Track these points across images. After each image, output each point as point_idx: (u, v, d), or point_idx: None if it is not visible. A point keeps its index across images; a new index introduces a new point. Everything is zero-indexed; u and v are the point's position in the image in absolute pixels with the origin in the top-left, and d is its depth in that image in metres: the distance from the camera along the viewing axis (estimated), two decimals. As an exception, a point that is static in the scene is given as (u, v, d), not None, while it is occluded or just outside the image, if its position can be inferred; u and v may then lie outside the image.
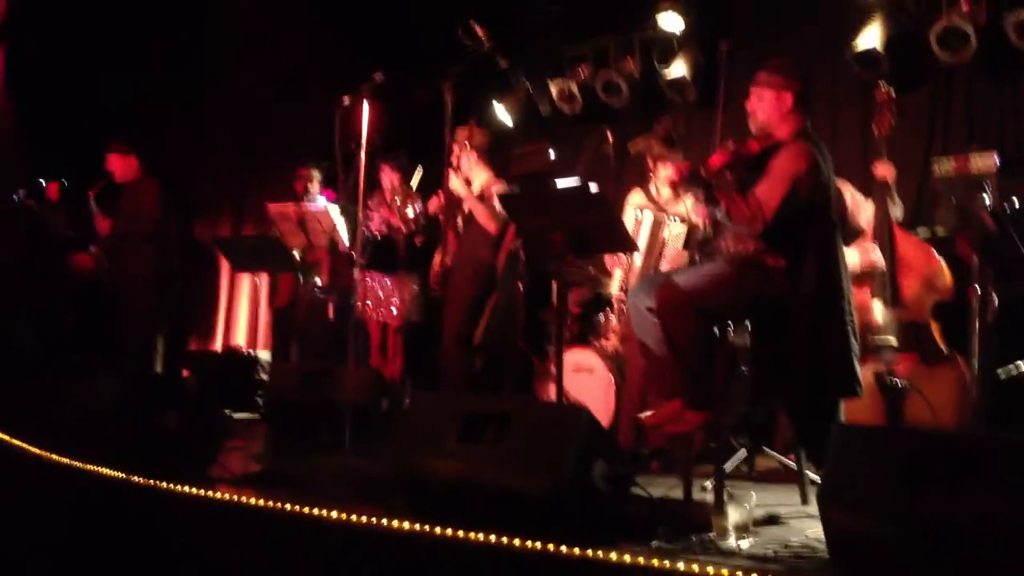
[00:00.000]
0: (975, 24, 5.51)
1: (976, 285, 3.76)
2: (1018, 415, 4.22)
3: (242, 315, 8.33)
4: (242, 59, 8.15)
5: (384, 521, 3.20)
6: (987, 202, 4.19)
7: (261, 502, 3.49)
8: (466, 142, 5.63)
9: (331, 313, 6.23)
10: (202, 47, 8.27)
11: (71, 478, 3.95)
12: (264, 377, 6.83)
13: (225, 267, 8.19)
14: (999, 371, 4.13)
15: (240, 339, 8.21)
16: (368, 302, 6.19)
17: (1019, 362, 4.22)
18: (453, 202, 5.79)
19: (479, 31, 4.67)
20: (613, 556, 2.79)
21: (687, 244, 5.19)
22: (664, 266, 5.20)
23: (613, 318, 5.69)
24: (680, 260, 5.18)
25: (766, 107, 3.94)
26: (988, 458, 2.52)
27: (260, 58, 8.10)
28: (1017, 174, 5.14)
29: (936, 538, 2.52)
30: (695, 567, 2.66)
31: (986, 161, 5.10)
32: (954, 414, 4.49)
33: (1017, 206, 3.84)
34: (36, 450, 4.24)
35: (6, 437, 4.47)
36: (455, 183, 5.68)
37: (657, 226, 5.32)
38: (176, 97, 8.26)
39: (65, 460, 4.05)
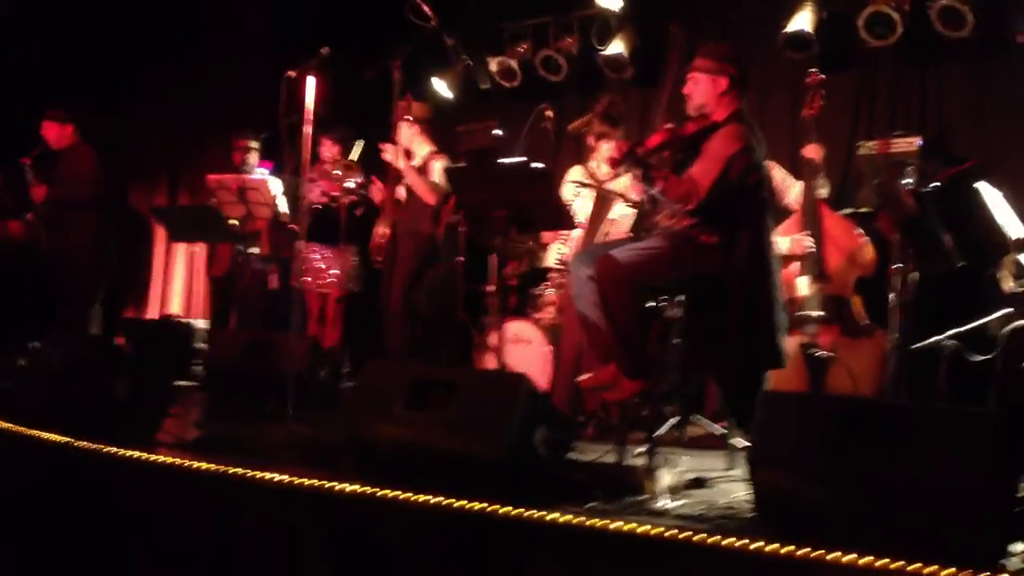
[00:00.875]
0: (901, 10, 5.73)
1: (896, 263, 3.96)
2: (931, 386, 4.46)
3: (177, 284, 8.29)
4: (179, 28, 8.06)
5: (331, 484, 3.29)
6: (908, 183, 4.39)
7: (208, 465, 3.54)
8: (407, 116, 5.69)
9: (271, 283, 6.25)
10: (139, 16, 8.15)
11: (15, 442, 3.96)
12: (200, 345, 6.83)
13: (160, 236, 8.13)
14: (915, 345, 4.36)
15: (176, 308, 8.17)
16: (308, 272, 6.23)
17: (935, 337, 4.46)
18: (391, 174, 5.85)
19: (426, 9, 4.73)
20: (552, 517, 2.92)
21: (635, 227, 5.33)
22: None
23: (551, 291, 5.81)
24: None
25: (702, 91, 4.08)
26: (905, 423, 2.71)
27: (198, 28, 8.03)
28: (937, 157, 5.39)
29: (857, 498, 2.70)
30: (628, 527, 2.82)
31: (909, 143, 5.34)
32: (873, 384, 4.72)
33: (936, 187, 4.04)
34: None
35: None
36: (391, 155, 5.74)
37: (603, 202, 5.42)
38: (111, 65, 8.14)
39: (9, 425, 4.04)
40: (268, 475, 3.41)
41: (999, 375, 3.62)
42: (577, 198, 5.51)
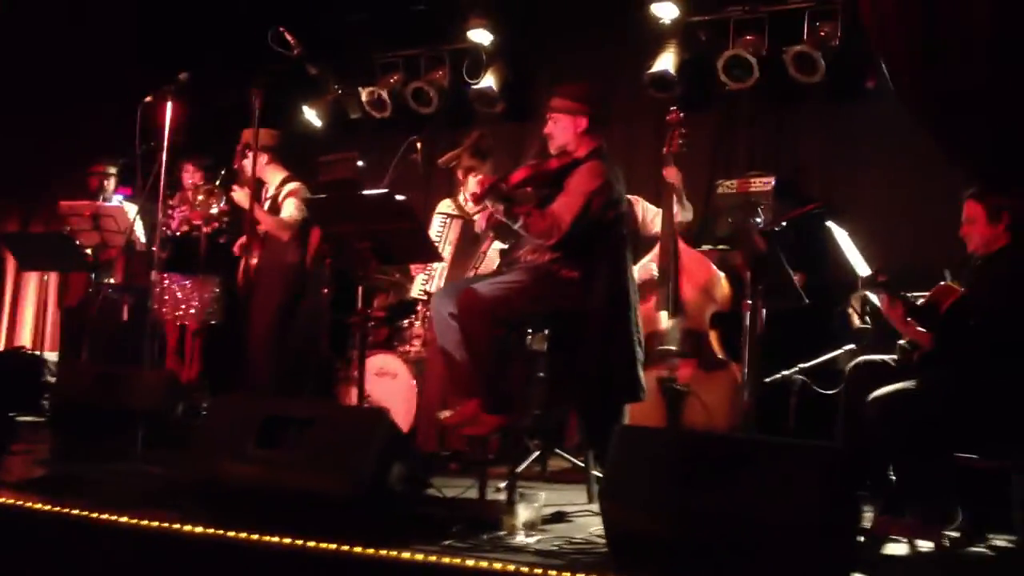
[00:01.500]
0: (758, 55, 5.95)
1: (747, 298, 4.08)
2: (780, 419, 4.61)
3: (27, 314, 7.93)
4: (35, 49, 7.76)
5: (178, 525, 3.18)
6: (758, 222, 4.55)
7: (46, 507, 3.39)
8: (258, 145, 5.56)
9: (125, 314, 6.04)
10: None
11: None
12: (51, 379, 6.54)
13: (10, 265, 7.77)
14: (765, 379, 4.50)
15: (25, 339, 7.81)
16: (166, 303, 6.04)
17: (784, 371, 4.61)
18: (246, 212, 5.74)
19: (289, 37, 4.67)
20: (406, 555, 2.89)
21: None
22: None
23: (417, 324, 5.78)
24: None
25: (562, 130, 4.15)
26: (749, 457, 2.77)
27: (51, 50, 7.74)
28: (790, 197, 5.61)
29: (703, 531, 2.75)
30: (483, 563, 2.81)
31: (764, 183, 5.54)
32: (728, 417, 4.85)
33: (784, 227, 4.19)
34: None
35: None
36: (239, 196, 5.64)
37: (470, 235, 5.41)
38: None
39: None
40: (113, 516, 3.28)
41: (842, 409, 3.76)
42: (445, 231, 5.51)
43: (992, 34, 2.49)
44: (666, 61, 6.19)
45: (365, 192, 4.28)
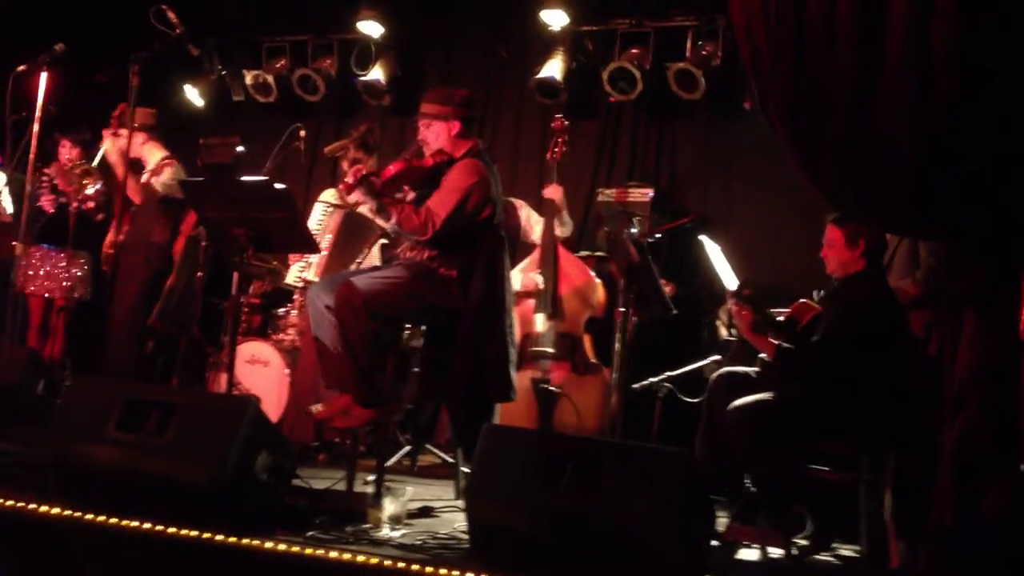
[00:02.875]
0: (642, 68, 6.11)
1: (620, 306, 4.20)
2: (646, 423, 4.75)
3: None
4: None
5: (32, 505, 3.10)
6: (633, 232, 4.68)
7: None
8: (132, 124, 5.43)
9: (-12, 286, 5.80)
10: None
11: None
12: (-98, 351, 6.22)
13: None
14: (634, 385, 4.63)
15: None
16: (33, 277, 5.83)
17: (652, 378, 4.76)
18: (119, 181, 5.59)
19: (171, 16, 4.57)
20: (267, 545, 2.88)
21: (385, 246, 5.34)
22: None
23: (293, 312, 5.73)
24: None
25: (436, 135, 4.18)
26: (610, 460, 2.87)
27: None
28: (666, 209, 5.78)
29: (563, 532, 2.84)
30: (346, 556, 2.82)
31: (642, 194, 5.70)
32: (598, 420, 4.97)
33: (658, 238, 4.32)
34: None
35: None
36: (110, 149, 5.49)
37: (351, 226, 5.38)
38: None
39: None
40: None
41: (703, 417, 3.90)
42: (326, 220, 5.48)
43: (856, 87, 2.64)
44: (553, 67, 6.29)
45: (244, 178, 4.22)
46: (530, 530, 2.91)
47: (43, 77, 4.39)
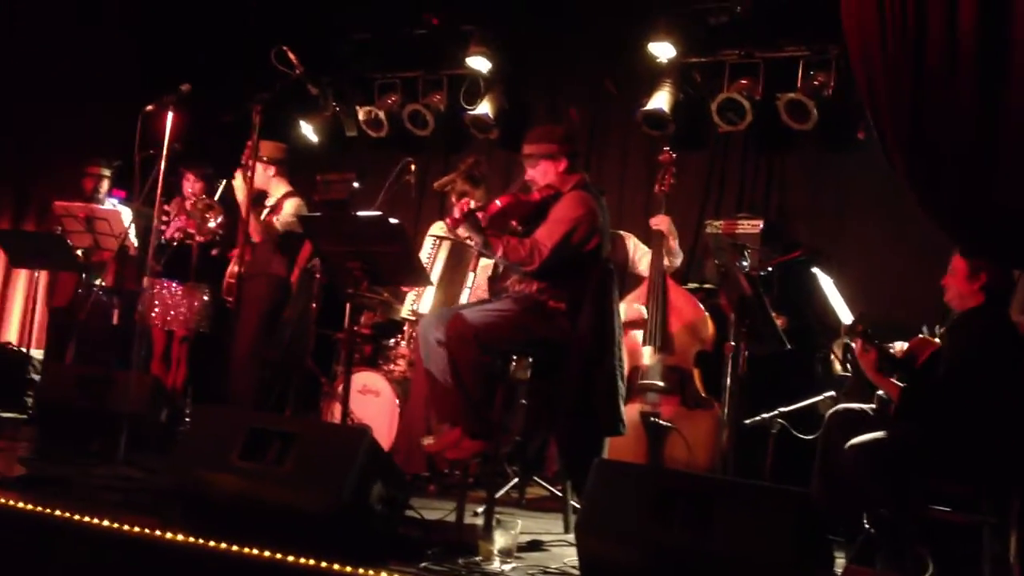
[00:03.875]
0: (752, 99, 6.06)
1: (731, 340, 4.15)
2: (758, 460, 4.66)
3: (15, 311, 7.92)
4: (27, 51, 7.80)
5: (157, 532, 3.20)
6: (744, 265, 4.62)
7: (26, 506, 3.40)
8: (260, 157, 5.61)
9: (115, 317, 6.05)
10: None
11: None
12: (35, 377, 6.54)
13: (0, 261, 7.76)
14: (746, 421, 4.56)
15: (11, 336, 7.80)
16: (155, 308, 6.06)
17: (764, 414, 4.67)
18: (243, 214, 5.79)
19: (292, 57, 4.74)
20: (383, 575, 2.92)
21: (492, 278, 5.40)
22: (466, 297, 5.36)
23: (403, 343, 5.82)
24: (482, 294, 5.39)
25: (543, 173, 4.23)
26: (722, 498, 2.84)
27: (46, 53, 7.78)
28: (776, 241, 5.70)
29: (676, 567, 2.81)
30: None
31: (752, 226, 5.63)
32: (709, 455, 4.90)
33: (769, 272, 4.27)
34: None
35: None
36: (238, 184, 5.68)
37: (460, 258, 5.46)
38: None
39: None
40: (93, 519, 3.30)
41: (818, 455, 3.81)
42: (435, 252, 5.57)
43: (978, 102, 2.56)
44: (661, 99, 6.29)
45: (360, 213, 4.33)
46: (641, 566, 2.89)
47: (169, 116, 4.58)
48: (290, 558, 3.02)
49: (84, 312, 6.36)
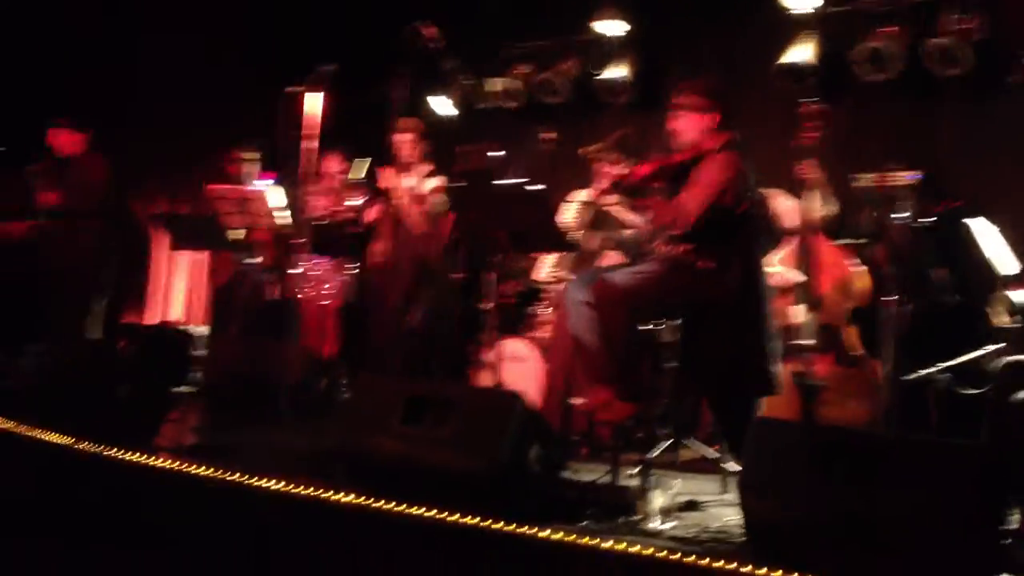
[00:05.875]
0: (897, 47, 5.82)
1: (889, 294, 4.03)
2: (922, 418, 4.52)
3: (179, 291, 8.31)
4: (178, 39, 8.12)
5: (326, 494, 3.33)
6: (903, 217, 4.46)
7: (205, 471, 3.58)
8: (412, 134, 5.74)
9: (272, 293, 6.29)
10: (140, 21, 8.20)
11: (17, 443, 3.99)
12: (198, 352, 6.85)
13: (160, 242, 8.14)
14: (907, 376, 4.41)
15: (176, 315, 8.19)
16: (307, 284, 6.27)
17: (926, 369, 4.51)
18: (392, 192, 5.93)
19: (429, 32, 4.81)
20: (545, 534, 2.97)
21: (632, 253, 5.38)
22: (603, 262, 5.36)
23: (546, 309, 5.86)
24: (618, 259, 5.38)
25: (687, 127, 4.16)
26: (892, 455, 2.77)
27: (196, 39, 8.09)
28: (930, 192, 5.47)
29: (843, 526, 2.76)
30: (621, 546, 2.87)
31: (905, 178, 5.41)
32: (865, 414, 4.77)
33: (929, 222, 4.11)
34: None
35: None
36: (390, 179, 5.81)
37: (602, 225, 5.46)
38: (110, 70, 8.17)
39: (10, 425, 4.07)
40: (264, 482, 3.46)
41: (992, 409, 3.67)
42: (577, 218, 5.58)
43: None
44: (799, 52, 6.11)
45: (502, 181, 4.37)
46: (806, 524, 2.85)
47: (314, 96, 4.70)
48: (453, 518, 3.10)
49: (243, 290, 6.63)
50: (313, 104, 4.86)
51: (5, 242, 7.25)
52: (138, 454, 3.72)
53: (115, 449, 3.74)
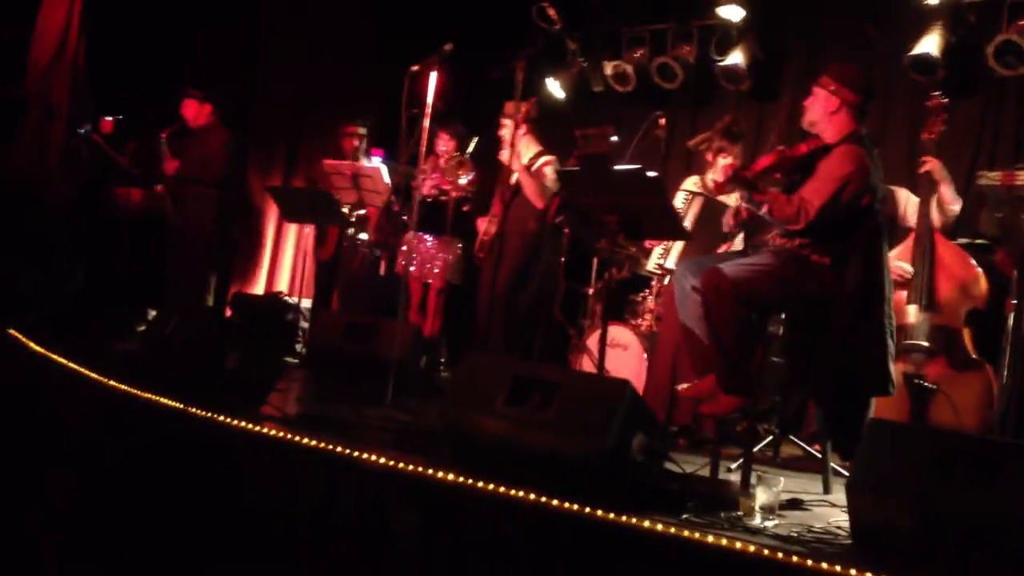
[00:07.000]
0: (1034, 40, 5.58)
1: (1014, 298, 3.87)
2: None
3: (286, 263, 8.52)
4: (302, 18, 8.28)
5: (428, 470, 3.36)
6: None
7: (313, 442, 3.64)
8: (515, 118, 5.73)
9: (379, 268, 6.39)
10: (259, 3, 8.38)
11: (134, 405, 4.12)
12: (304, 324, 7.01)
13: (272, 214, 8.35)
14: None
15: (283, 286, 8.40)
16: (414, 261, 6.34)
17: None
18: (502, 174, 5.94)
19: (552, 13, 4.79)
20: (646, 524, 2.94)
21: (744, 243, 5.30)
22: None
23: (650, 298, 5.82)
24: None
25: (814, 107, 4.06)
26: (1008, 460, 2.67)
27: (319, 19, 8.23)
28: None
29: (955, 532, 2.67)
30: (723, 541, 2.82)
31: (1034, 177, 5.19)
32: (978, 420, 4.61)
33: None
34: (97, 376, 4.39)
35: (66, 362, 4.64)
36: (507, 156, 5.82)
37: (713, 214, 5.38)
38: (234, 45, 8.36)
39: (128, 388, 4.21)
40: (368, 456, 3.50)
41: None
42: (687, 207, 5.52)
43: None
44: (929, 43, 5.90)
45: (618, 167, 4.33)
46: (918, 529, 2.76)
47: (433, 76, 4.74)
48: (554, 502, 3.09)
49: (350, 265, 6.75)
50: (434, 82, 4.89)
51: (129, 208, 7.53)
52: (247, 422, 3.80)
53: (225, 416, 3.82)
